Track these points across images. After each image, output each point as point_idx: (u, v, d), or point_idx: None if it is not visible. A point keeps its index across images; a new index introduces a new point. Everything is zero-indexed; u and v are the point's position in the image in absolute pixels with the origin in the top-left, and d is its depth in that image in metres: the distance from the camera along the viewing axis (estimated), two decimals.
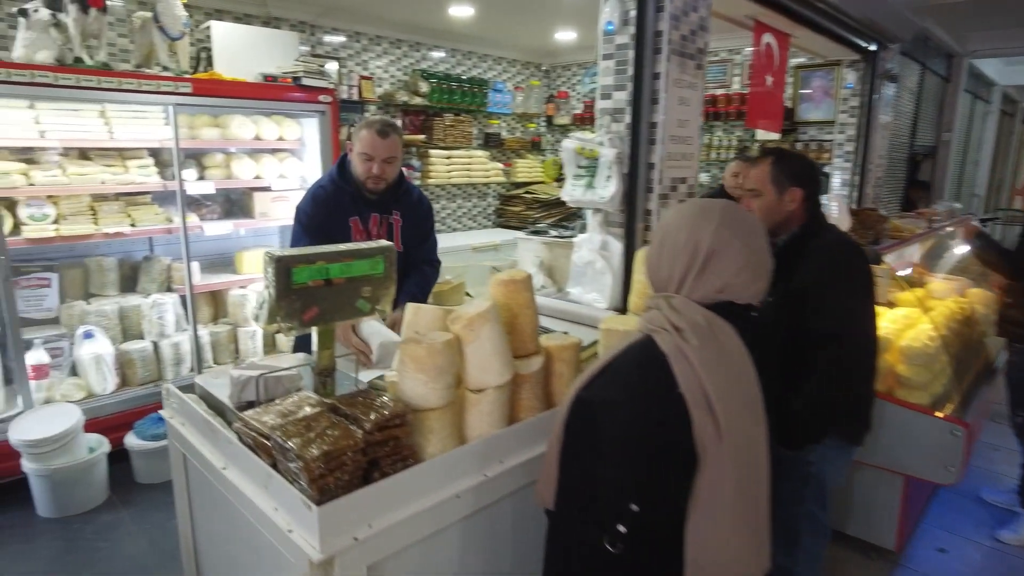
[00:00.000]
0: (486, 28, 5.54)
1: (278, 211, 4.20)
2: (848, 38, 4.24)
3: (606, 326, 2.03)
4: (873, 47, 4.66)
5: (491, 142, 6.33)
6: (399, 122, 5.45)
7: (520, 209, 6.48)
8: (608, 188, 2.57)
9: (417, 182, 5.68)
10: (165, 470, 3.48)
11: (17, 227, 3.31)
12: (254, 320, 1.39)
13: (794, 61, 5.04)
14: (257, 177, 4.09)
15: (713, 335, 1.18)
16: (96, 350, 3.43)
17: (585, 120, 6.63)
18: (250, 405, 1.67)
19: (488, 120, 6.42)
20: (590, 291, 2.78)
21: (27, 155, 3.38)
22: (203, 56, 3.87)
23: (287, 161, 4.26)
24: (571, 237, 3.01)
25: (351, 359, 1.92)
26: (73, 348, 3.48)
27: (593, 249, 2.72)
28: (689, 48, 2.65)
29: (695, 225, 1.25)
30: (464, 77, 5.90)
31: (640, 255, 2.18)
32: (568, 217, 6.62)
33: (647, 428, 1.15)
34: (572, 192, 2.70)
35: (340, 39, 5.19)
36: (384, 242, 1.63)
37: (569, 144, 2.68)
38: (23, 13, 3.10)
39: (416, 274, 2.66)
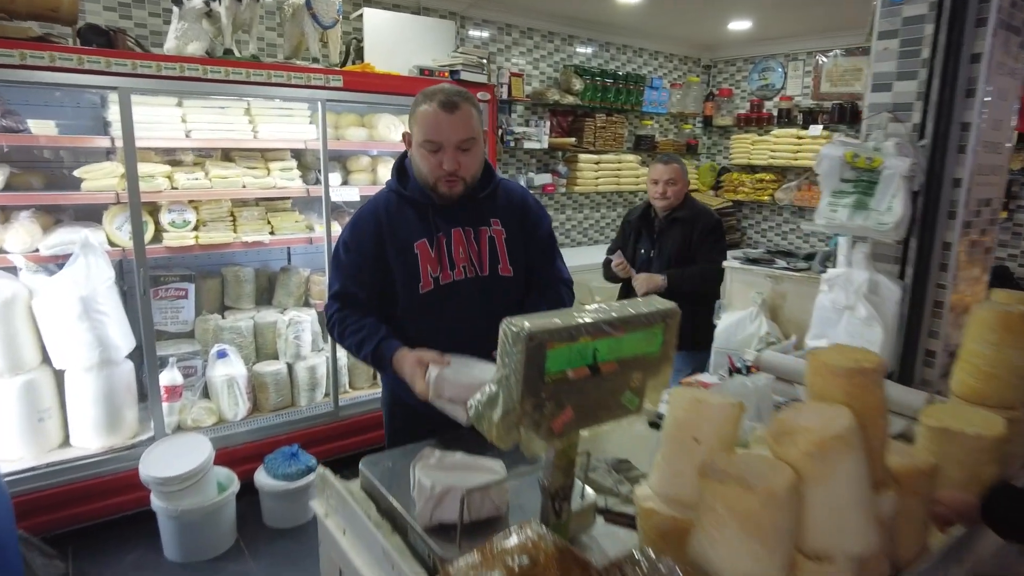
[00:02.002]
0: (651, 17, 4.90)
1: None
2: None
3: (937, 422, 1.37)
4: None
5: (642, 145, 5.67)
6: (547, 124, 4.92)
7: None
8: (893, 211, 1.88)
9: (563, 190, 5.14)
10: (296, 514, 3.10)
11: (158, 234, 3.05)
12: (475, 424, 0.93)
13: None
14: None
15: None
16: (229, 371, 3.11)
17: (751, 121, 5.83)
18: (444, 526, 1.15)
19: (641, 121, 5.77)
20: None
21: (170, 156, 3.12)
22: (352, 48, 3.49)
23: None
24: (807, 269, 2.33)
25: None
26: (206, 368, 3.18)
27: (856, 291, 2.02)
28: (1016, 18, 1.90)
29: None
30: (620, 73, 5.29)
31: (982, 315, 1.49)
32: (727, 231, 5.85)
33: None
34: (831, 215, 2.02)
35: (489, 32, 4.72)
36: (660, 302, 1.04)
37: (833, 150, 2.00)
38: (177, 2, 2.82)
39: (549, 294, 1.84)
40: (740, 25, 5.10)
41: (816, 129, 5.26)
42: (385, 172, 3.59)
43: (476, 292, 1.75)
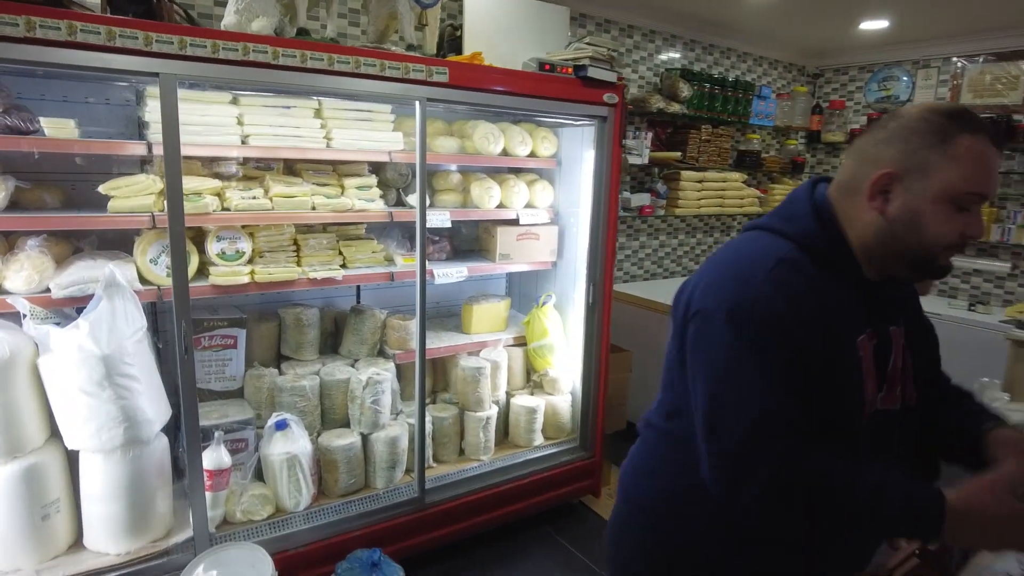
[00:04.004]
0: (776, 15, 4.16)
1: (523, 253, 3.05)
2: None
3: None
4: None
5: (746, 161, 4.92)
6: (648, 135, 4.19)
7: None
8: None
9: (661, 212, 4.39)
10: None
11: (203, 267, 2.37)
12: None
13: None
14: (500, 206, 2.97)
15: None
16: (290, 448, 2.40)
17: None
18: None
19: (746, 134, 5.02)
20: None
21: (216, 168, 2.44)
22: (447, 36, 2.80)
23: (537, 186, 3.11)
24: None
25: None
26: (260, 441, 2.47)
27: None
28: None
29: None
30: (728, 79, 4.56)
31: None
32: None
33: None
34: None
35: (587, 29, 4.01)
36: None
37: None
38: None
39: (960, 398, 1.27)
40: (874, 25, 4.34)
41: None
42: (480, 193, 2.87)
43: (905, 431, 1.15)
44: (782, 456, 0.93)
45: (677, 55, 4.55)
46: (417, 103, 2.32)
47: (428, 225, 2.70)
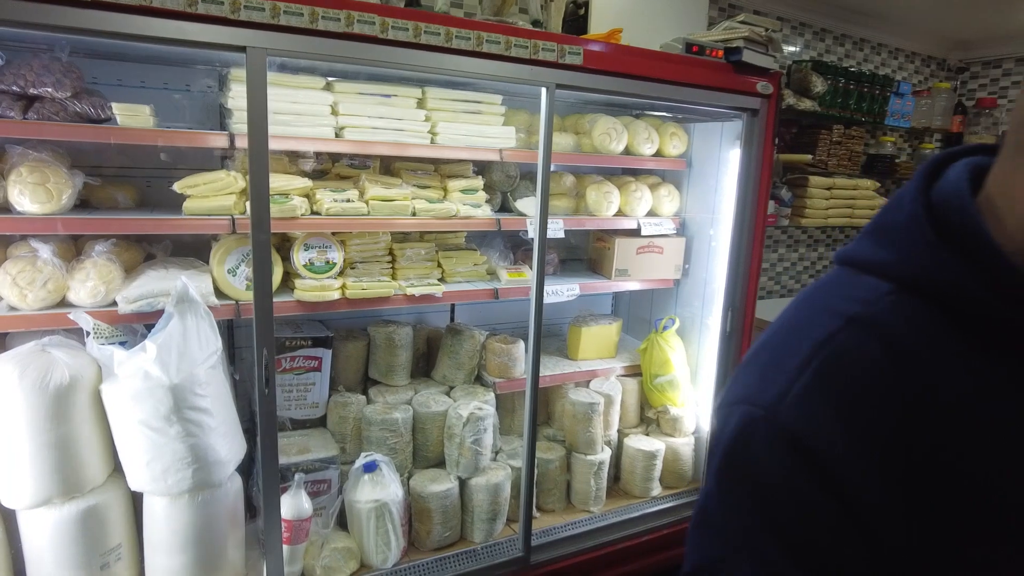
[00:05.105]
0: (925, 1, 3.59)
1: (643, 268, 2.62)
2: None
3: None
4: None
5: (877, 167, 4.33)
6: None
7: None
8: None
9: (785, 222, 3.87)
10: None
11: (287, 280, 2.05)
12: None
13: None
14: (619, 213, 2.55)
15: None
16: (379, 495, 2.04)
17: None
18: None
19: (879, 136, 4.43)
20: None
21: (307, 164, 2.12)
22: (568, 12, 2.40)
23: (660, 191, 2.67)
24: None
25: None
26: (344, 482, 2.13)
27: None
28: None
29: None
30: (865, 73, 3.99)
31: None
32: None
33: None
34: None
35: (710, 14, 3.55)
36: None
37: None
38: None
39: None
40: None
41: None
42: (598, 198, 2.46)
43: None
44: None
45: (804, 47, 4.01)
46: (544, 90, 1.92)
47: (532, 234, 2.31)
